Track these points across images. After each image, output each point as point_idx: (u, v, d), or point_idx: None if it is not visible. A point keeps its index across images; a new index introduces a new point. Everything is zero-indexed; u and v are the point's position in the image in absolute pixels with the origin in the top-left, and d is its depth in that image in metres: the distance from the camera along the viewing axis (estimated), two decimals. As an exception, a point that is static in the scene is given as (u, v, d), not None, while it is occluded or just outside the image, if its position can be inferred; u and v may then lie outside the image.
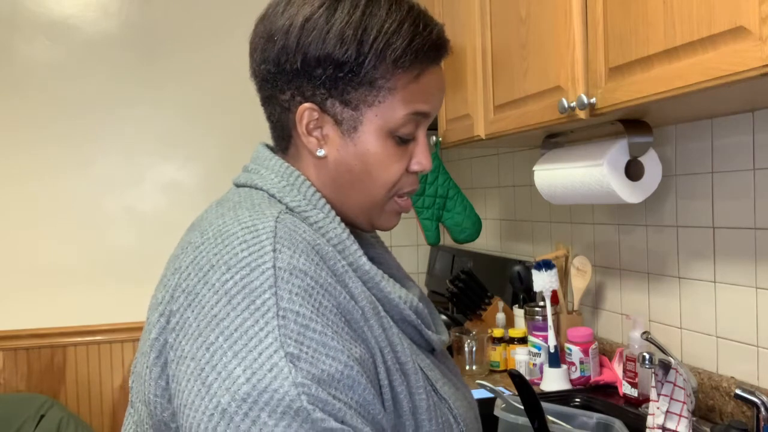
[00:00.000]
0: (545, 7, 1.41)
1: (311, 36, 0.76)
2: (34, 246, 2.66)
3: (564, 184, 1.57)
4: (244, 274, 0.65)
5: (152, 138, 2.77)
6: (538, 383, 1.74)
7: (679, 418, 1.22)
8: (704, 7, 0.97)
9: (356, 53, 0.76)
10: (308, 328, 0.64)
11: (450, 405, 0.79)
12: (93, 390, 2.70)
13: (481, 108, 1.76)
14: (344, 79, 0.77)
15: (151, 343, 0.71)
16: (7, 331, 2.61)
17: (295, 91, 0.79)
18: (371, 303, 0.74)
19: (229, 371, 0.62)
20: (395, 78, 0.77)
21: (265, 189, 0.79)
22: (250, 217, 0.71)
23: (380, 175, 0.80)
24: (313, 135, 0.80)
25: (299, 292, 0.65)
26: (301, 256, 0.68)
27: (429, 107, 0.81)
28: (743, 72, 0.91)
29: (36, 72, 2.66)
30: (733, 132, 1.39)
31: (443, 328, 0.90)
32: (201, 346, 0.64)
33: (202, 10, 2.77)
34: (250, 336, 0.63)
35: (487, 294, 2.27)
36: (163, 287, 0.72)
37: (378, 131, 0.79)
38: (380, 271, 0.79)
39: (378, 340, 0.72)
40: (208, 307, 0.66)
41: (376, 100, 0.78)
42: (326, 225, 0.77)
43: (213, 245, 0.69)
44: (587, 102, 1.26)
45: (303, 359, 0.62)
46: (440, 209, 2.19)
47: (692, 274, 1.52)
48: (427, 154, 0.83)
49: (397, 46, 0.76)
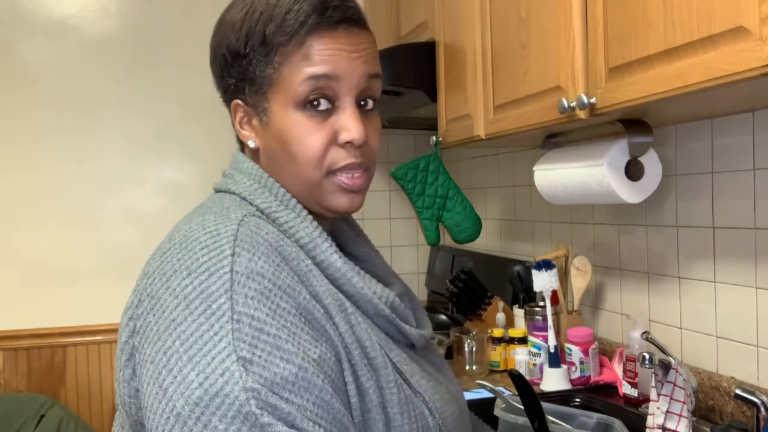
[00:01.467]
0: (545, 7, 1.41)
1: (219, 36, 0.83)
2: (33, 246, 2.66)
3: (564, 184, 1.57)
4: (203, 279, 0.67)
5: (152, 138, 2.77)
6: (538, 383, 1.74)
7: (679, 418, 1.22)
8: (704, 7, 0.97)
9: (245, 37, 0.79)
10: (263, 331, 0.65)
11: (425, 398, 0.79)
12: (93, 390, 2.70)
13: (481, 108, 1.76)
14: (248, 67, 0.80)
15: (122, 346, 0.73)
16: (7, 331, 2.61)
17: (229, 93, 0.84)
18: (337, 300, 0.74)
19: (183, 375, 0.63)
20: (283, 50, 0.78)
21: (237, 193, 0.82)
22: (214, 221, 0.73)
23: (299, 151, 0.79)
24: (244, 128, 0.84)
25: (255, 296, 0.66)
26: (260, 259, 0.69)
27: (327, 68, 0.78)
28: (743, 72, 0.91)
29: (36, 72, 2.66)
30: (733, 132, 1.39)
31: (426, 322, 0.91)
32: (159, 350, 0.66)
33: (201, 10, 2.77)
34: (204, 340, 0.64)
35: (487, 294, 2.27)
36: (133, 292, 0.75)
37: (284, 106, 0.79)
38: (355, 267, 0.80)
39: (344, 337, 0.73)
40: (168, 311, 0.67)
41: (273, 76, 0.79)
42: (297, 224, 0.78)
43: (178, 250, 0.71)
44: (587, 102, 1.26)
45: (255, 363, 0.63)
46: (440, 209, 2.19)
47: (692, 274, 1.52)
48: (356, 122, 0.79)
49: (277, 15, 0.78)
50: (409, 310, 0.86)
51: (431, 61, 2.07)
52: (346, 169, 0.80)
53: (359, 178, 0.82)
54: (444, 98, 2.03)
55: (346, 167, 0.80)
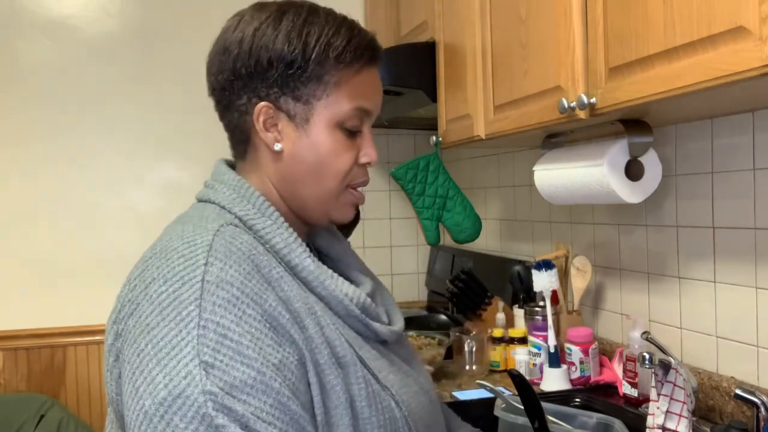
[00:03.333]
0: (545, 7, 1.41)
1: (262, 40, 0.86)
2: (33, 246, 2.66)
3: (564, 184, 1.57)
4: (177, 287, 0.73)
5: (152, 138, 2.77)
6: (538, 383, 1.74)
7: (679, 418, 1.22)
8: (704, 7, 0.97)
9: (302, 51, 0.85)
10: (226, 337, 0.70)
11: (392, 392, 0.84)
12: (93, 390, 2.70)
13: (481, 108, 1.76)
14: (293, 76, 0.86)
15: (108, 348, 0.79)
16: (7, 331, 2.61)
17: (251, 93, 0.87)
18: (307, 304, 0.80)
19: (152, 377, 0.69)
20: (339, 73, 0.87)
21: (217, 202, 0.88)
22: (192, 231, 0.78)
23: (332, 165, 0.88)
24: (270, 131, 0.88)
25: (222, 303, 0.72)
26: (231, 268, 0.74)
27: (371, 105, 0.90)
28: (743, 72, 0.91)
29: (36, 72, 2.66)
30: (733, 132, 1.39)
31: (399, 318, 0.97)
32: (134, 353, 0.72)
33: (201, 10, 2.77)
34: (173, 345, 0.70)
35: (487, 294, 2.27)
36: (117, 297, 0.81)
37: (327, 122, 0.87)
38: (327, 270, 0.86)
39: (311, 339, 0.77)
40: (143, 316, 0.73)
41: (324, 93, 0.87)
42: (273, 231, 0.84)
43: (157, 259, 0.77)
44: (587, 102, 1.26)
45: (216, 367, 0.69)
46: (440, 209, 2.18)
47: (692, 274, 1.52)
48: (373, 146, 0.92)
49: (338, 44, 0.86)
50: (381, 308, 0.93)
51: (431, 61, 2.07)
52: (359, 185, 0.93)
53: (362, 193, 0.94)
54: (444, 98, 2.03)
55: (360, 183, 0.93)
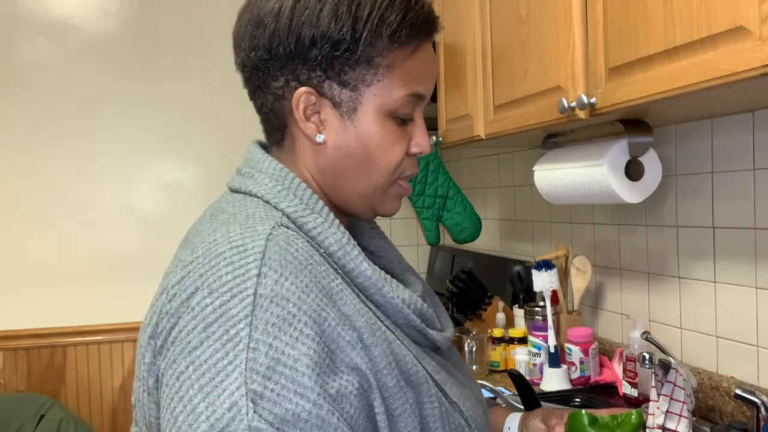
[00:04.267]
0: (545, 7, 1.41)
1: (304, 15, 0.73)
2: (34, 246, 2.66)
3: (564, 184, 1.57)
4: (224, 300, 0.63)
5: (152, 138, 2.77)
6: (538, 383, 1.74)
7: (679, 418, 1.22)
8: (704, 6, 0.97)
9: (352, 30, 0.73)
10: (279, 362, 0.61)
11: (461, 408, 0.77)
12: (93, 390, 2.70)
13: (481, 108, 1.76)
14: (341, 58, 0.74)
15: (147, 367, 0.69)
16: (7, 331, 2.61)
17: (289, 76, 0.76)
18: (370, 320, 0.70)
19: (193, 406, 0.61)
20: (392, 54, 0.75)
21: (260, 196, 0.76)
22: (240, 234, 0.68)
23: (382, 158, 0.77)
24: (311, 120, 0.77)
25: (276, 322, 0.62)
26: (287, 280, 0.65)
27: (425, 88, 0.79)
28: (743, 72, 0.91)
29: (35, 72, 2.66)
30: (733, 132, 1.39)
31: (448, 321, 0.87)
32: (173, 375, 0.63)
33: (201, 9, 2.77)
34: (218, 369, 0.61)
35: (487, 294, 2.27)
36: (152, 307, 0.71)
37: (378, 111, 0.76)
38: (383, 274, 0.76)
39: (376, 362, 0.68)
40: (185, 332, 0.64)
41: (374, 78, 0.75)
42: (325, 230, 0.74)
43: (201, 265, 0.67)
44: (587, 102, 1.26)
45: (266, 398, 0.60)
46: (440, 209, 2.19)
47: (692, 274, 1.52)
48: (426, 136, 0.81)
49: (392, 20, 0.74)
50: (432, 311, 0.82)
51: (431, 61, 2.07)
52: (409, 177, 0.82)
53: (409, 184, 0.84)
54: (444, 98, 2.03)
55: (410, 176, 0.82)
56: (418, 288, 0.85)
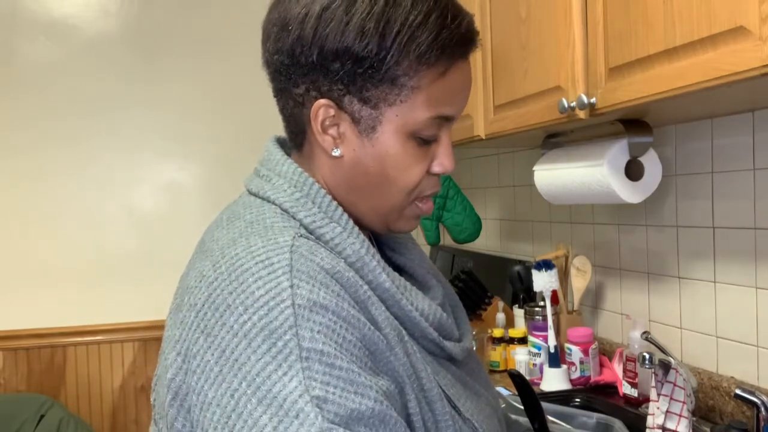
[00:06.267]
0: (545, 7, 1.41)
1: (329, 27, 0.70)
2: (34, 246, 2.66)
3: (564, 184, 1.57)
4: (262, 315, 0.62)
5: (152, 138, 2.77)
6: (538, 383, 1.74)
7: (679, 418, 1.22)
8: (704, 6, 0.97)
9: (377, 48, 0.70)
10: (334, 366, 0.62)
11: (474, 425, 0.76)
12: (93, 390, 2.70)
13: (481, 108, 1.76)
14: (364, 75, 0.71)
15: (168, 383, 0.68)
16: (7, 331, 2.62)
17: (310, 85, 0.73)
18: (395, 329, 0.71)
19: (255, 419, 0.60)
20: (419, 75, 0.71)
21: (278, 203, 0.74)
22: (263, 247, 0.67)
23: (399, 179, 0.75)
24: (328, 133, 0.74)
25: (321, 330, 0.62)
26: (321, 289, 0.64)
27: (454, 110, 0.75)
28: (743, 72, 0.91)
29: (36, 72, 2.66)
30: (733, 132, 1.39)
31: (467, 327, 0.86)
32: (225, 393, 0.62)
33: (202, 10, 2.77)
34: (273, 381, 0.60)
35: (487, 294, 2.27)
36: (180, 324, 0.68)
37: (398, 132, 0.73)
38: (402, 283, 0.75)
39: (405, 368, 0.69)
40: (228, 350, 0.63)
41: (397, 99, 0.72)
42: (343, 241, 0.72)
43: (227, 282, 0.65)
44: (587, 102, 1.26)
45: (330, 401, 0.60)
46: (440, 209, 2.19)
47: (692, 274, 1.52)
48: (451, 155, 0.78)
49: (423, 41, 0.70)
50: (451, 320, 0.80)
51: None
52: (429, 197, 0.80)
53: (430, 202, 0.81)
54: (444, 98, 2.03)
55: (430, 195, 0.79)
56: (438, 294, 0.83)
